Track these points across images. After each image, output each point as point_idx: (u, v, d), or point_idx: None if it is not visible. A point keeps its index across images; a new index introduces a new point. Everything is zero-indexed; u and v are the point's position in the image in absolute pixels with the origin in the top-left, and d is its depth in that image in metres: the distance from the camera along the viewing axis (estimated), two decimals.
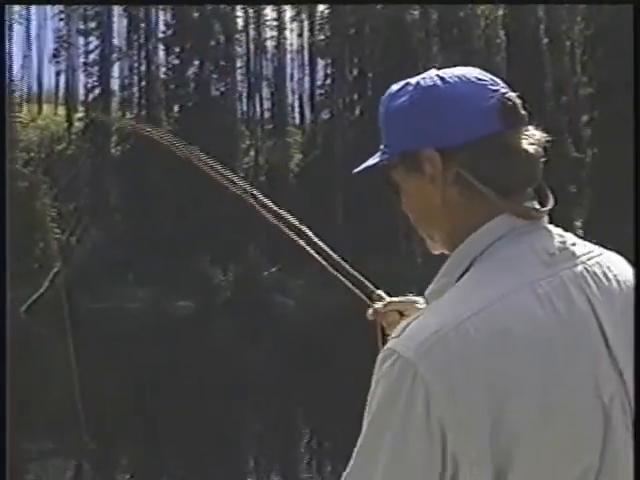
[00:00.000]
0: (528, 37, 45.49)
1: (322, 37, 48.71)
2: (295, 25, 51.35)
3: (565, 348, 1.34)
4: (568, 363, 1.34)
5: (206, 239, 38.44)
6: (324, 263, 2.05)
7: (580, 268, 1.41)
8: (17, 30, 73.87)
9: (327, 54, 48.16)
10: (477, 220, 1.41)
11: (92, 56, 47.49)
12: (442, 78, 1.45)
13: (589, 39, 44.25)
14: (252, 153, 46.25)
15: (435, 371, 1.28)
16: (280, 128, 46.37)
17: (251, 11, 48.43)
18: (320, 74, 49.41)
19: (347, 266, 2.04)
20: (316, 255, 2.06)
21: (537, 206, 1.45)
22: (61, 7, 50.12)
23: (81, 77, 49.74)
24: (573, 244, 1.44)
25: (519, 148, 1.41)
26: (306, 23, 50.66)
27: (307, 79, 51.14)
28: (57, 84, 55.34)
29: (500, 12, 47.67)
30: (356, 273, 2.04)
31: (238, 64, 48.18)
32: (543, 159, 1.45)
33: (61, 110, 51.49)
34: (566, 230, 1.49)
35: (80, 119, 47.19)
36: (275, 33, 49.97)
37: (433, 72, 1.48)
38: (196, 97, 45.13)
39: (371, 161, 1.52)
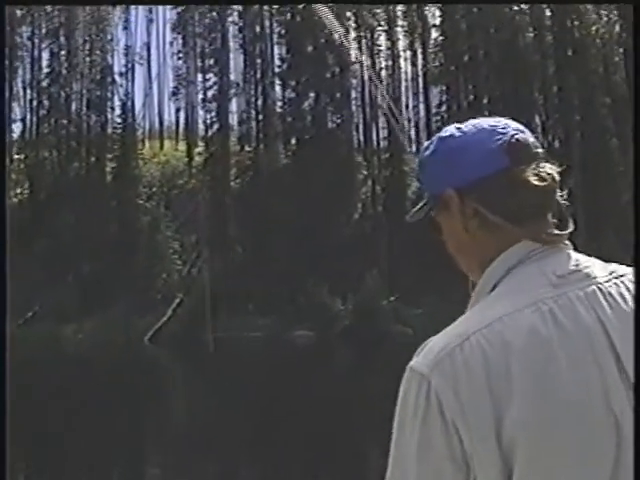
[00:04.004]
0: None
1: (436, 64, 48.67)
2: (409, 54, 51.52)
3: (568, 361, 1.44)
4: (571, 375, 1.43)
5: (325, 268, 38.65)
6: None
7: (592, 288, 1.51)
8: (138, 71, 76.45)
9: (441, 81, 48.06)
10: (497, 248, 1.58)
11: (210, 92, 48.73)
12: (459, 128, 1.65)
13: None
14: (369, 183, 46.41)
15: (444, 382, 1.46)
16: (397, 157, 46.37)
17: (364, 41, 48.83)
18: (435, 101, 49.33)
19: None
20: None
21: (555, 231, 1.58)
22: (180, 47, 51.68)
23: (200, 113, 51.12)
24: (588, 267, 1.55)
25: (525, 181, 1.56)
26: (419, 51, 50.74)
27: (422, 107, 51.11)
28: (177, 120, 57.03)
29: (616, 29, 46.61)
30: None
31: (353, 95, 48.58)
32: (556, 190, 1.59)
33: (181, 145, 52.91)
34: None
35: (200, 154, 48.34)
36: (389, 62, 50.23)
37: (454, 125, 1.68)
38: (313, 129, 45.64)
39: (416, 208, 1.72)
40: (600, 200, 38.97)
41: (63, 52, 49.05)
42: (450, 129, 1.66)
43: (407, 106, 51.47)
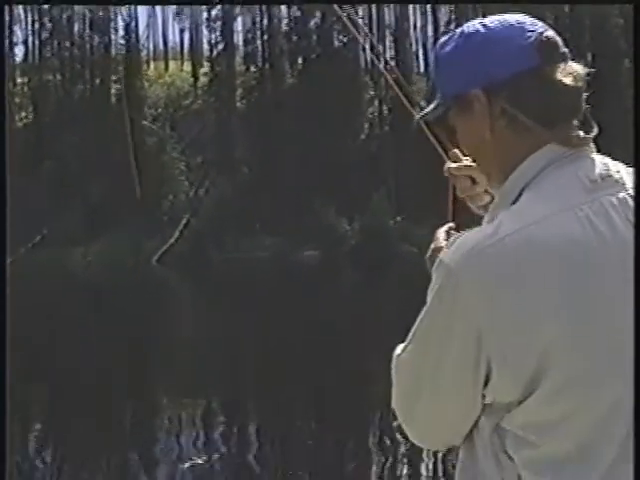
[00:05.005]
0: None
1: None
2: None
3: (605, 265, 1.43)
4: (608, 279, 1.43)
5: (332, 189, 38.64)
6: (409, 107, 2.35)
7: (623, 195, 1.49)
8: None
9: None
10: (524, 151, 1.53)
11: (215, 11, 48.00)
12: (483, 24, 1.57)
13: None
14: (376, 103, 46.01)
15: (473, 280, 1.43)
16: (404, 77, 45.59)
17: None
18: (443, 20, 48.55)
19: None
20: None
21: (582, 134, 1.54)
22: None
23: (205, 33, 50.45)
24: (617, 172, 1.52)
25: (557, 81, 1.51)
26: None
27: (430, 27, 50.33)
28: (182, 41, 56.34)
29: None
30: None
31: (360, 13, 47.78)
32: (585, 92, 1.56)
33: (187, 66, 52.38)
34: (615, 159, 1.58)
35: (205, 74, 47.90)
36: None
37: (477, 20, 1.60)
38: (319, 49, 45.09)
39: (429, 108, 1.65)
40: (611, 122, 38.60)
41: None
42: (474, 24, 1.58)
43: (415, 26, 50.70)
